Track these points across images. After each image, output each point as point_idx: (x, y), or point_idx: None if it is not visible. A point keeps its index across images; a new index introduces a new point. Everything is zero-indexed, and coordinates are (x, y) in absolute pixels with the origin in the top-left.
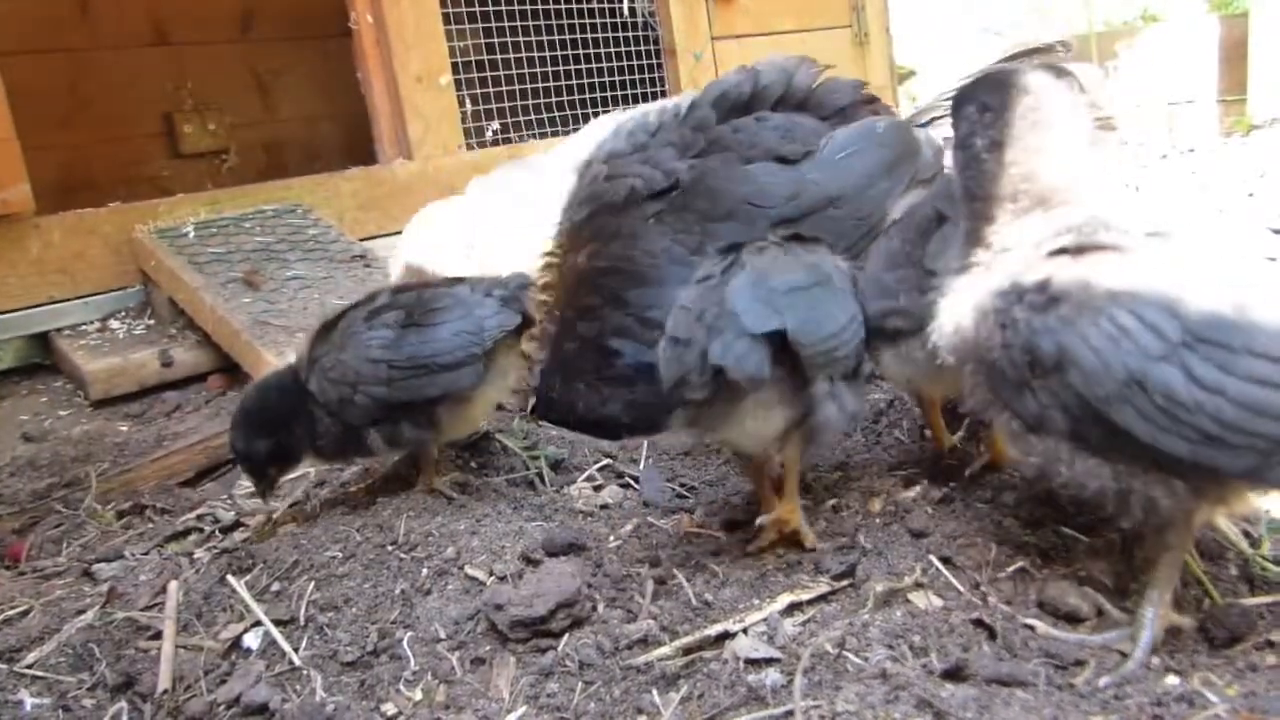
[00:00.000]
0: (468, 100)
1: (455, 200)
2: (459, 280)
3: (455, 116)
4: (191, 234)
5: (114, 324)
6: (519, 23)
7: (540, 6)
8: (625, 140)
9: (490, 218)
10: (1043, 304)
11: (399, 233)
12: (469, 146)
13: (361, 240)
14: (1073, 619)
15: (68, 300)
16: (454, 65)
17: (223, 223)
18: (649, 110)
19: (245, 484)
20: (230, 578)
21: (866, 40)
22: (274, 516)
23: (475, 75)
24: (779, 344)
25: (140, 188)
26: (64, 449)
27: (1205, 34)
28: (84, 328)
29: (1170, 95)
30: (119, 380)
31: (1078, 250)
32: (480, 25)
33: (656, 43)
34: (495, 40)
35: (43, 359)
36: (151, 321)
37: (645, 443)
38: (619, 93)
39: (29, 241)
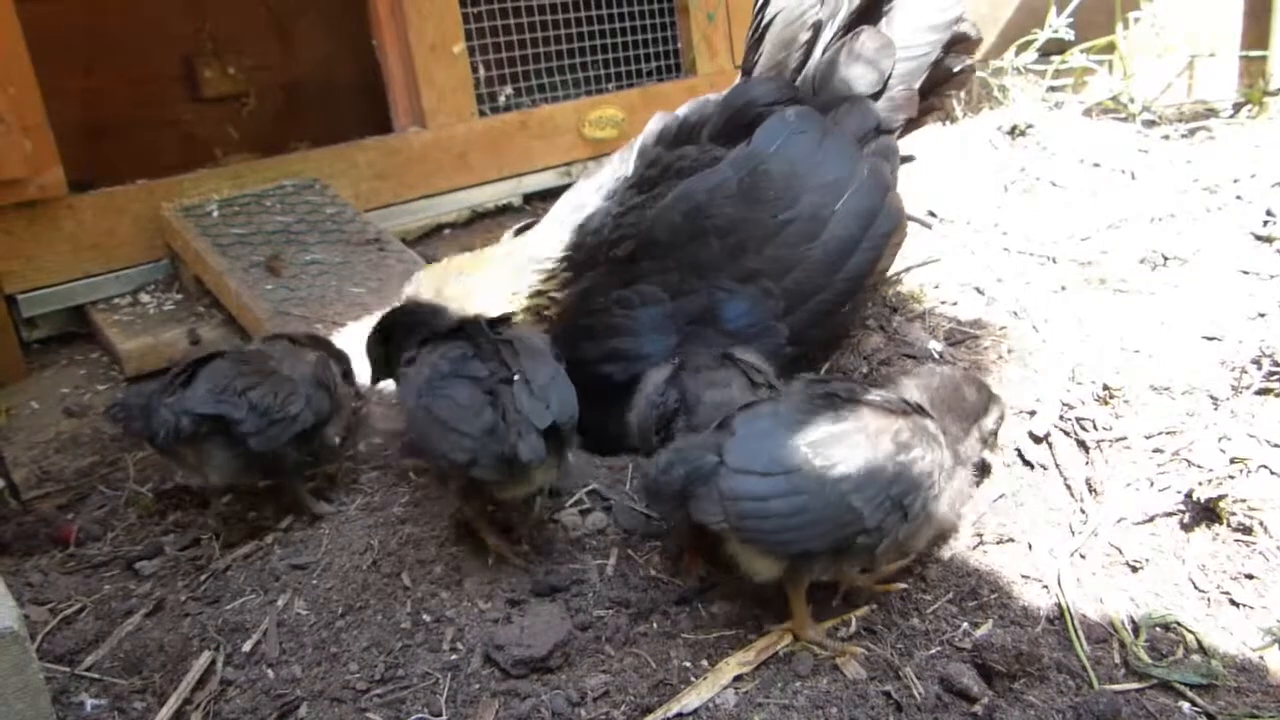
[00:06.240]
0: (480, 66)
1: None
2: None
3: (469, 84)
4: (215, 213)
5: (144, 297)
6: None
7: None
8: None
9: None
10: None
11: (413, 200)
12: (481, 113)
13: (377, 209)
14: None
15: (101, 275)
16: (466, 32)
17: (244, 200)
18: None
19: None
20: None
21: None
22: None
23: (489, 41)
24: None
25: (162, 132)
26: (104, 425)
27: None
28: (116, 301)
29: (1192, 48)
30: (151, 358)
31: None
32: None
33: (669, 1)
34: (508, 4)
35: (79, 328)
36: (179, 296)
37: (629, 466)
38: (630, 53)
39: (63, 221)
